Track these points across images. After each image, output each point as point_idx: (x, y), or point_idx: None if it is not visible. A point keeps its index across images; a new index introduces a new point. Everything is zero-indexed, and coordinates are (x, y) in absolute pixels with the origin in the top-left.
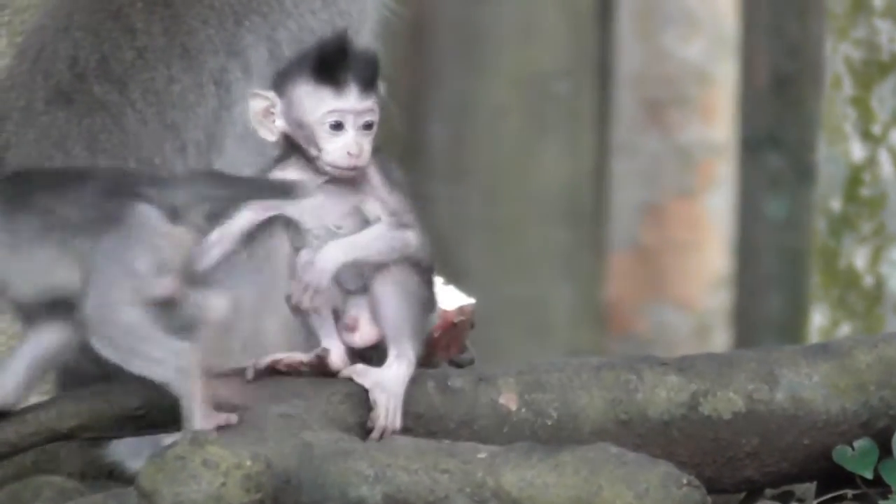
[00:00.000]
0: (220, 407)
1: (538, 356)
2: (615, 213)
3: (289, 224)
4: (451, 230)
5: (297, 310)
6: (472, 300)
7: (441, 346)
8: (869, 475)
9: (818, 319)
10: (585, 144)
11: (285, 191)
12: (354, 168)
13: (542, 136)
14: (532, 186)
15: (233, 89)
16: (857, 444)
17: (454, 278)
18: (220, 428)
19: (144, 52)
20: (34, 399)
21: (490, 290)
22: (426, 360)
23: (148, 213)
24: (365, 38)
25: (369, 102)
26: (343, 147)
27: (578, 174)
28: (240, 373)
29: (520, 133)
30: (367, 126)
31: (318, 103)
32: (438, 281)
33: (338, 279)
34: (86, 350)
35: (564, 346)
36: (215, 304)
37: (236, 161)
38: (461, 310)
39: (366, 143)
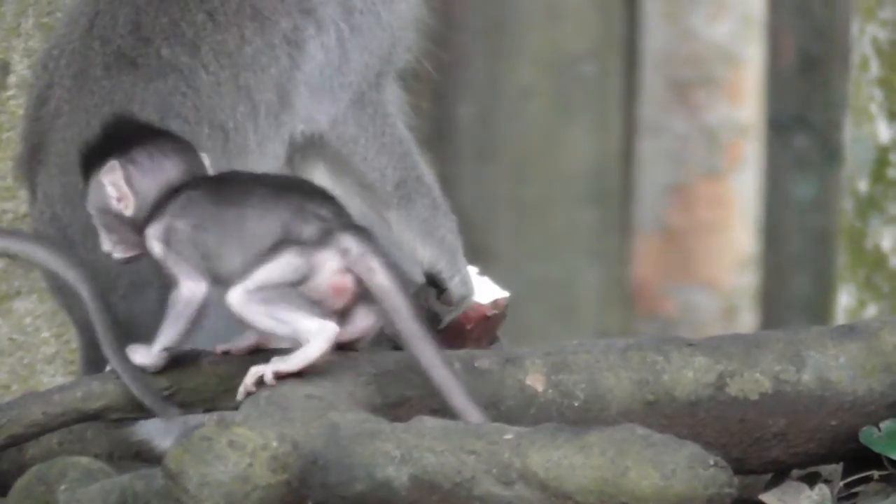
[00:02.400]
0: None
1: (565, 337)
2: (642, 193)
3: None
4: (478, 211)
5: None
6: (506, 293)
7: (473, 339)
8: (895, 456)
9: (845, 300)
10: (612, 125)
11: None
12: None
13: (569, 116)
14: (559, 167)
15: (306, 47)
16: (883, 425)
17: (481, 259)
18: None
19: (215, 14)
20: (60, 380)
21: (517, 270)
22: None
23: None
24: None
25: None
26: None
27: (605, 155)
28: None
29: (547, 114)
30: (104, 223)
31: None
32: (472, 271)
33: None
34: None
35: (592, 327)
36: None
37: (307, 116)
38: (495, 303)
39: (106, 239)
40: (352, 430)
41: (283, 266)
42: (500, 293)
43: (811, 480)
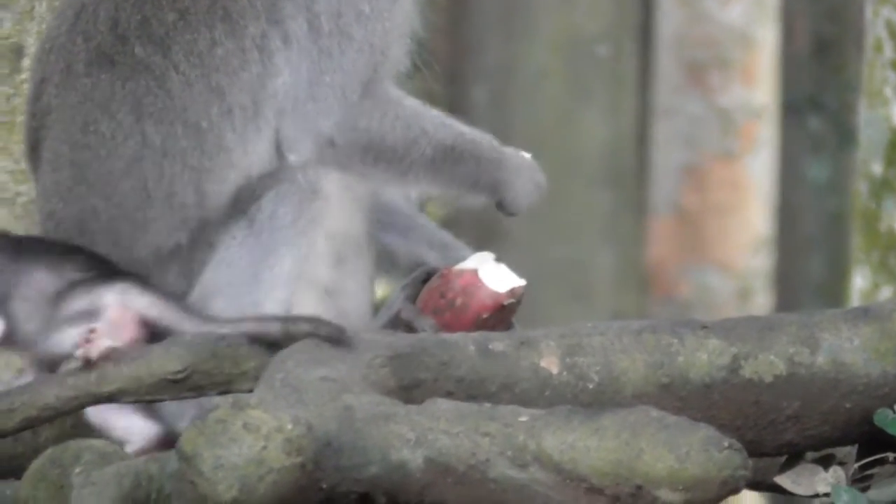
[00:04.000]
0: None
1: (580, 319)
2: (656, 175)
3: None
4: None
5: None
6: (522, 281)
7: (488, 327)
8: None
9: (859, 282)
10: (627, 107)
11: None
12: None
13: (583, 99)
14: (574, 149)
15: (274, 59)
16: None
17: (496, 241)
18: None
19: (186, 13)
20: (74, 363)
21: (532, 253)
22: None
23: None
24: (405, 7)
25: None
26: None
27: (620, 137)
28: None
29: (561, 96)
30: None
31: None
32: (489, 258)
33: None
34: None
35: (606, 310)
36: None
37: (281, 135)
38: (512, 292)
39: None
40: (366, 412)
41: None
42: (517, 281)
43: (826, 463)
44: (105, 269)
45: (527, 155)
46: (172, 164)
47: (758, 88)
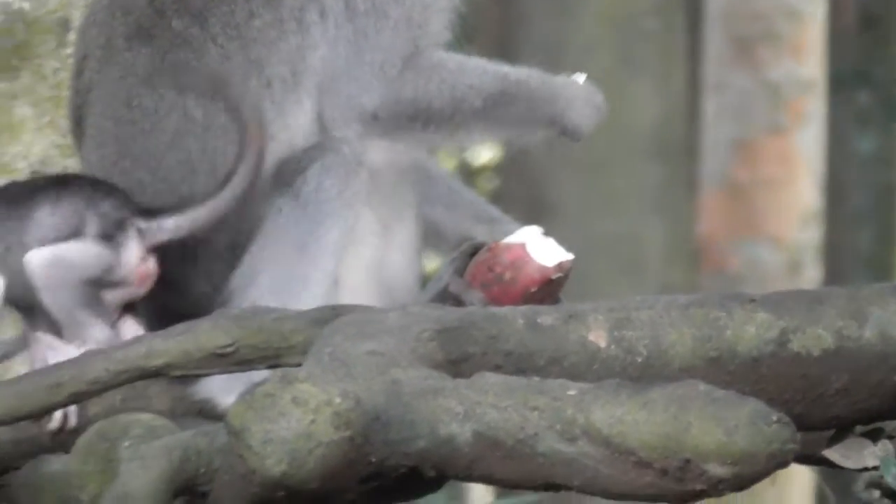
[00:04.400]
0: None
1: (630, 293)
2: (706, 149)
3: None
4: (542, 166)
5: None
6: (570, 255)
7: (535, 301)
8: None
9: None
10: (676, 81)
11: None
12: None
13: (633, 73)
14: (623, 123)
15: (311, 32)
16: None
17: (547, 215)
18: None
19: None
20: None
21: (582, 226)
22: None
23: None
24: None
25: None
26: None
27: (669, 111)
28: None
29: (611, 70)
30: None
31: None
32: (536, 231)
33: None
34: (174, 288)
35: (656, 284)
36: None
37: (324, 113)
38: (560, 266)
39: None
40: (414, 386)
41: (83, 251)
42: (565, 255)
43: (874, 436)
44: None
45: (581, 77)
46: (214, 137)
47: (806, 62)
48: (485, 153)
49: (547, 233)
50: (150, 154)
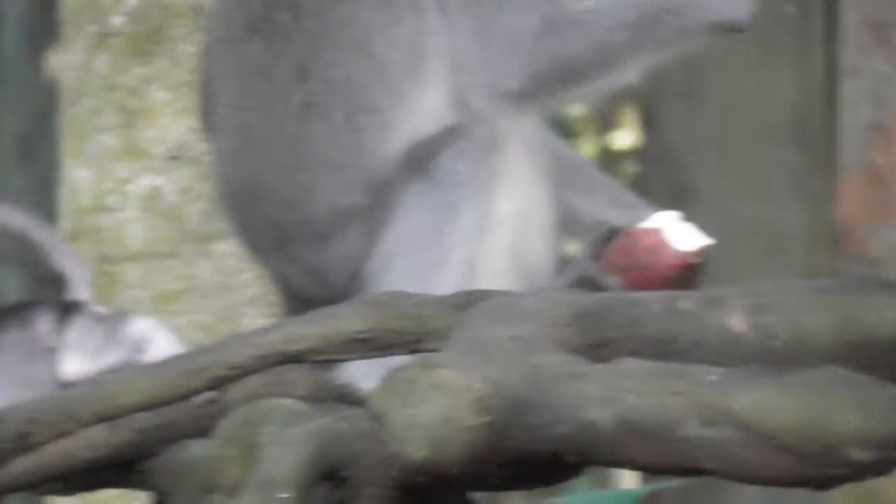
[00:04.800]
0: None
1: (771, 278)
2: (845, 134)
3: None
4: (683, 150)
5: None
6: (709, 240)
7: (674, 286)
8: None
9: None
10: (814, 66)
11: None
12: None
13: (771, 57)
14: (762, 108)
15: (428, 19)
16: None
17: (687, 198)
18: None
19: None
20: (262, 322)
21: (722, 210)
22: None
23: None
24: None
25: None
26: None
27: (808, 95)
28: None
29: (750, 55)
30: None
31: None
32: (674, 217)
33: None
34: (314, 274)
35: (797, 269)
36: None
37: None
38: (699, 251)
39: None
40: (554, 371)
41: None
42: (703, 240)
43: None
44: None
45: None
46: (332, 125)
47: None
48: (625, 139)
49: (688, 217)
50: (269, 144)
